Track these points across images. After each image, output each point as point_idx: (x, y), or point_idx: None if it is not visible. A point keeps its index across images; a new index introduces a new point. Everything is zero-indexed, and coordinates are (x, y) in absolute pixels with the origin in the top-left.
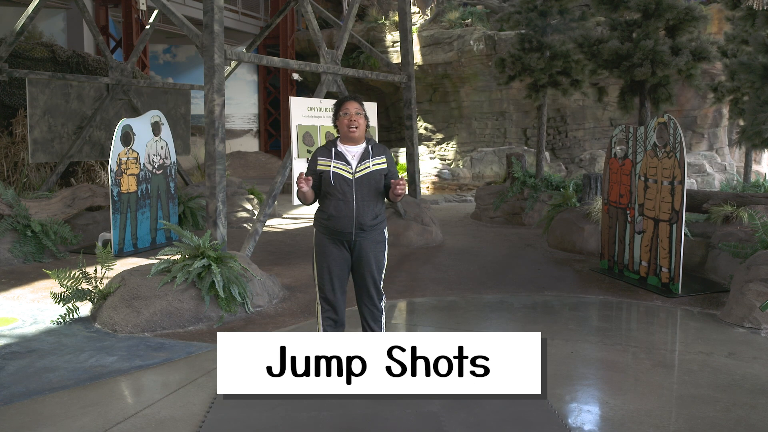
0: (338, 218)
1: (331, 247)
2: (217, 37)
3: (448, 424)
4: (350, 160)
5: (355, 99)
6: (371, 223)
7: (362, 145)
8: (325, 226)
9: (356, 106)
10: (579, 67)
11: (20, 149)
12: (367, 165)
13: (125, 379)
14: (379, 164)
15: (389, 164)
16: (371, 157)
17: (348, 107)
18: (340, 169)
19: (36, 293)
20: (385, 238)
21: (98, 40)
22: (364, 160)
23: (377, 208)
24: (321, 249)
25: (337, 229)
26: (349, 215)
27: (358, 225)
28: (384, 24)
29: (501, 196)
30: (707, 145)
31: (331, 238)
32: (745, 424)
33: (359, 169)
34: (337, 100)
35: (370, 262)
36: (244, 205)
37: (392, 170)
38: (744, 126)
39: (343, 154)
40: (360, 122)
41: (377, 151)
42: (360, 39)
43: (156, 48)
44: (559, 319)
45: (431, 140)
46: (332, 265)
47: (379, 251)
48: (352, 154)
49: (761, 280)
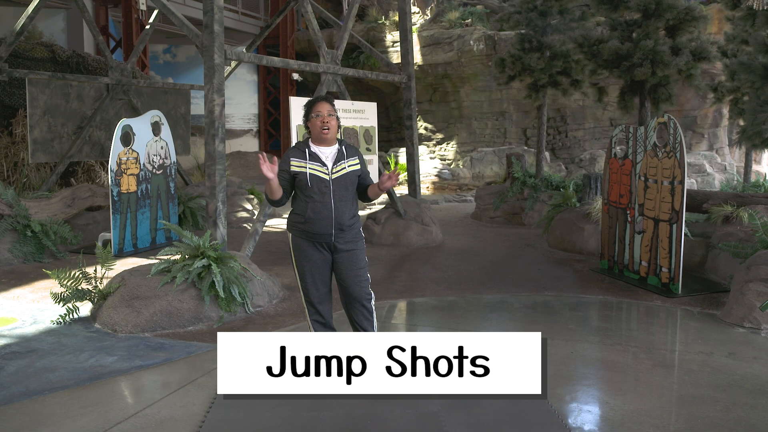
0: (317, 220)
1: (311, 250)
2: (217, 37)
3: (448, 424)
4: (325, 161)
5: (326, 100)
6: (349, 223)
7: (335, 146)
8: (302, 229)
9: (328, 107)
10: (579, 67)
11: (20, 149)
12: (343, 166)
13: (125, 379)
14: (354, 165)
15: (362, 165)
16: (345, 158)
17: (320, 108)
18: (316, 170)
19: (36, 293)
20: (362, 236)
21: (98, 40)
22: (339, 161)
23: (353, 208)
24: (300, 253)
25: (316, 231)
26: (328, 216)
27: (337, 225)
28: (384, 24)
29: (501, 196)
30: (707, 145)
31: (310, 240)
32: (745, 424)
33: (335, 170)
34: (308, 101)
35: (353, 261)
36: (244, 205)
37: (365, 170)
38: (744, 126)
39: (318, 155)
40: (332, 123)
41: (350, 152)
42: (360, 39)
43: (156, 48)
44: (559, 319)
45: (431, 140)
46: (313, 267)
47: (359, 249)
48: (326, 155)
49: (761, 280)
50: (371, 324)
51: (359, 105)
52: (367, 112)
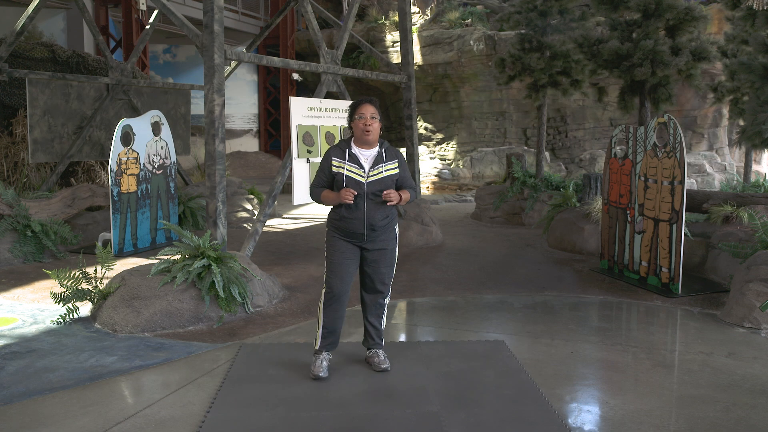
0: (350, 219)
1: (343, 246)
2: (217, 37)
3: (448, 424)
4: (363, 164)
5: (371, 102)
6: (382, 224)
7: (375, 149)
8: (337, 226)
9: (372, 109)
10: (579, 67)
11: (20, 149)
12: (380, 170)
13: (125, 379)
14: (391, 169)
15: (401, 169)
16: (384, 161)
17: (363, 110)
18: (353, 172)
19: (36, 293)
20: (396, 235)
21: (98, 40)
22: (377, 164)
23: (387, 209)
24: (332, 247)
25: (349, 229)
26: (360, 217)
27: (369, 226)
28: (384, 24)
29: (501, 196)
30: (707, 145)
31: (344, 237)
32: (745, 424)
33: (372, 174)
34: (353, 102)
35: (381, 260)
36: (244, 205)
37: (404, 174)
38: (744, 126)
39: (357, 156)
40: (374, 126)
41: (390, 155)
42: (360, 39)
43: (156, 48)
44: (559, 319)
45: (431, 140)
46: (342, 260)
47: (390, 249)
48: (365, 157)
49: (761, 280)
50: (381, 321)
51: None
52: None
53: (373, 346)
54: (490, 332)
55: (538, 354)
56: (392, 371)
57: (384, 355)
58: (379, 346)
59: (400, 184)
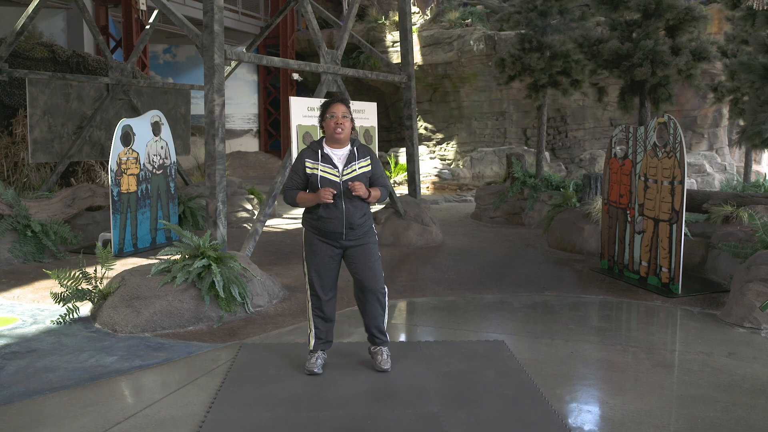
0: (328, 219)
1: (321, 246)
2: (217, 37)
3: (448, 424)
4: (336, 163)
5: (342, 101)
6: (360, 221)
7: (347, 148)
8: (314, 226)
9: (343, 108)
10: (579, 67)
11: (20, 149)
12: (353, 168)
13: (125, 379)
14: (364, 166)
15: (374, 166)
16: (356, 159)
17: (335, 110)
18: (327, 172)
19: (36, 293)
20: (375, 231)
21: (98, 40)
22: (349, 162)
23: (364, 207)
24: (310, 248)
25: (327, 229)
26: (339, 216)
27: (348, 225)
28: (384, 24)
29: (501, 196)
30: (707, 145)
31: (322, 237)
32: (745, 424)
33: (346, 172)
34: (324, 102)
35: (366, 254)
36: (244, 205)
37: (376, 171)
38: (744, 126)
39: (330, 156)
40: (346, 125)
41: (362, 153)
42: (360, 39)
43: (156, 48)
44: (559, 319)
45: (431, 140)
46: (321, 262)
47: (371, 243)
48: (338, 157)
49: (761, 280)
50: (383, 319)
51: (359, 105)
52: (367, 112)
53: (378, 343)
54: (490, 332)
55: (538, 354)
56: (392, 371)
57: (387, 354)
58: (384, 342)
59: (373, 181)
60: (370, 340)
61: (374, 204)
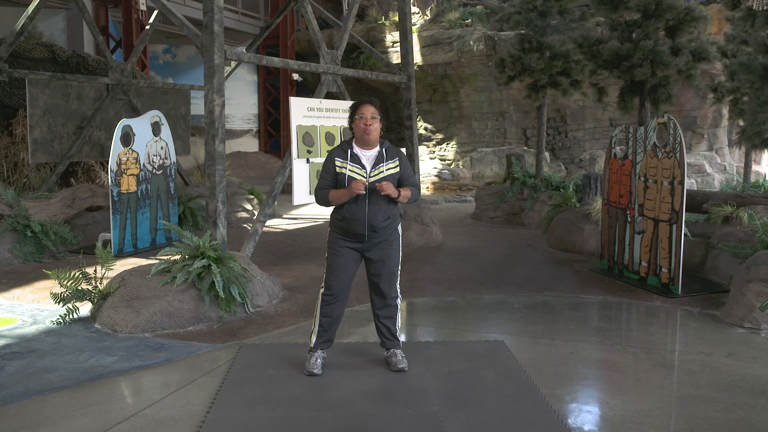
0: (351, 220)
1: (344, 247)
2: (217, 37)
3: (448, 424)
4: (365, 164)
5: (371, 103)
6: (383, 225)
7: (376, 149)
8: (339, 226)
9: (372, 110)
10: (579, 68)
11: (20, 149)
12: (381, 170)
13: (125, 379)
14: (392, 168)
15: (402, 167)
16: (385, 161)
17: (364, 111)
18: (355, 172)
19: (36, 293)
20: (399, 235)
21: (98, 40)
22: (378, 164)
23: (389, 210)
24: (333, 249)
25: (350, 230)
26: (362, 218)
27: (370, 227)
28: (384, 24)
29: (501, 196)
30: (707, 145)
31: (345, 237)
32: (745, 425)
33: (373, 174)
34: (353, 103)
35: (385, 259)
36: (244, 205)
37: (405, 172)
38: (744, 126)
39: (359, 157)
40: (375, 126)
41: (390, 154)
42: (360, 39)
43: (156, 48)
44: (559, 319)
45: (431, 140)
46: (341, 263)
47: (392, 249)
48: (366, 158)
49: (761, 280)
50: (395, 323)
51: None
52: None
53: (391, 346)
54: (490, 332)
55: (538, 354)
56: (392, 371)
57: (402, 355)
58: (397, 345)
59: (403, 182)
60: (383, 344)
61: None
